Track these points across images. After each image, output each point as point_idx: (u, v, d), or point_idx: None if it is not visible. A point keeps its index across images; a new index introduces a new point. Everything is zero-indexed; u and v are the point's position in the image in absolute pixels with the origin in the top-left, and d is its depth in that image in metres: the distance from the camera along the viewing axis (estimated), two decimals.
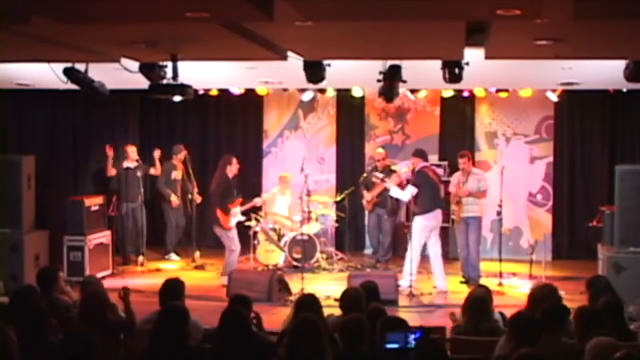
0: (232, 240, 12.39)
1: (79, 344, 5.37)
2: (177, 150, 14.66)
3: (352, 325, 5.90)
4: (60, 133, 14.80)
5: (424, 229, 11.91)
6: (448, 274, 12.85)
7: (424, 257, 12.31)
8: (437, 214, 12.01)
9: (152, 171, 14.46)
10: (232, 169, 12.48)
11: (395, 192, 12.26)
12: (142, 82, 9.81)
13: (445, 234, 14.52)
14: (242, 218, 12.71)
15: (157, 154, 14.38)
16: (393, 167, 13.71)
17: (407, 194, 12.08)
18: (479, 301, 7.28)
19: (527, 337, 5.82)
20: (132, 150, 14.20)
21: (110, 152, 14.00)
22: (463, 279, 12.57)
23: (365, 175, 13.67)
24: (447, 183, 13.13)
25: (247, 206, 12.87)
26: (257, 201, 13.13)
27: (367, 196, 13.74)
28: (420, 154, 12.36)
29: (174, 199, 14.52)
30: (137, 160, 14.20)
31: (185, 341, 5.95)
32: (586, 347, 5.30)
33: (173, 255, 14.68)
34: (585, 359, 5.26)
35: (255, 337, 6.25)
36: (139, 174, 14.07)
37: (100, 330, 6.26)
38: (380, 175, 12.81)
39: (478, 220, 12.60)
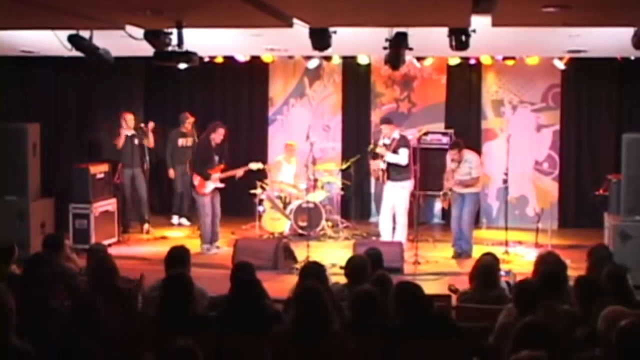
0: (204, 207, 12.52)
1: (86, 311, 5.39)
2: (183, 118, 14.68)
3: (362, 297, 5.91)
4: (65, 100, 14.76)
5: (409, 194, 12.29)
6: (446, 242, 12.87)
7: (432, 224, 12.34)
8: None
9: (146, 142, 14.20)
10: (216, 137, 12.55)
11: (391, 157, 12.20)
12: (147, 50, 9.77)
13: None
14: (220, 185, 12.73)
15: (150, 126, 14.16)
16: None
17: (403, 156, 12.11)
18: (487, 269, 7.31)
19: (528, 304, 5.84)
20: (129, 118, 14.08)
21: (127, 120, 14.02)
22: (454, 254, 12.32)
23: (372, 145, 13.51)
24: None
25: (227, 174, 12.82)
26: (238, 171, 13.06)
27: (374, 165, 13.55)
28: (392, 121, 12.63)
29: (171, 173, 14.64)
30: (135, 128, 14.13)
31: (190, 308, 5.98)
32: (600, 315, 5.32)
33: (175, 218, 14.79)
34: (599, 326, 5.28)
35: (265, 305, 6.28)
36: (136, 141, 14.02)
37: (108, 298, 6.29)
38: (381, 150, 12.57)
39: (475, 195, 12.48)
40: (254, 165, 13.16)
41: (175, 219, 14.93)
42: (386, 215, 12.37)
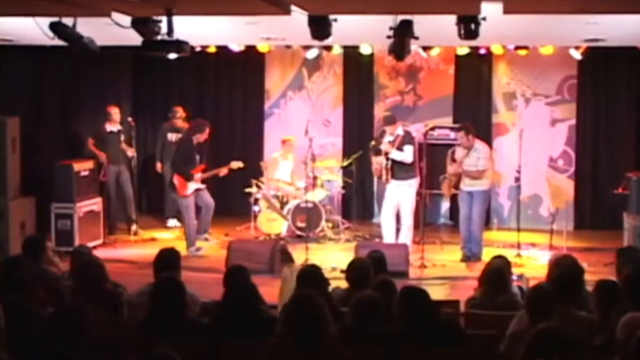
0: (187, 209, 12.56)
1: (70, 317, 5.39)
2: (174, 113, 14.63)
3: (364, 303, 5.92)
4: (47, 93, 14.75)
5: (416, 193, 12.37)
6: (454, 244, 12.88)
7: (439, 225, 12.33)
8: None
9: (129, 153, 14.08)
10: (201, 137, 12.62)
11: (396, 155, 12.22)
12: (135, 39, 9.78)
13: (456, 202, 14.47)
14: (202, 186, 12.77)
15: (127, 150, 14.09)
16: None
17: (408, 154, 12.15)
18: (498, 273, 7.31)
19: (542, 310, 5.84)
20: (115, 112, 14.05)
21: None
22: (463, 257, 12.27)
23: (374, 141, 13.44)
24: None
25: (210, 173, 12.86)
26: (222, 169, 13.06)
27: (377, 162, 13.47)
28: (395, 120, 12.57)
29: (158, 166, 14.65)
30: (120, 123, 14.11)
31: (181, 314, 5.99)
32: (619, 322, 5.33)
33: (170, 222, 14.75)
34: (617, 334, 5.29)
35: (260, 310, 6.30)
36: (122, 137, 14.01)
37: (96, 303, 6.29)
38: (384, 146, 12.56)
39: (484, 193, 12.34)
40: (235, 164, 13.17)
41: (170, 222, 14.82)
42: (388, 216, 12.39)
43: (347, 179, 14.77)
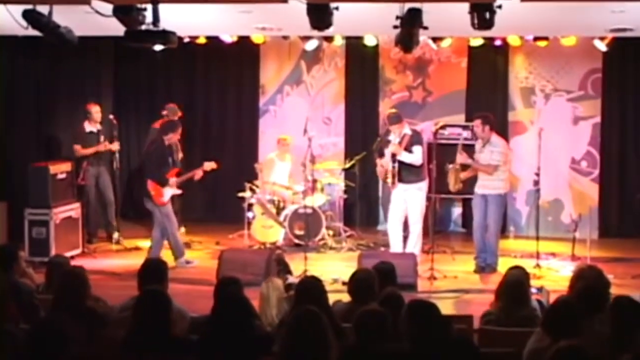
0: (169, 217, 12.48)
1: (49, 334, 5.37)
2: (167, 111, 14.45)
3: (368, 319, 5.91)
4: (21, 88, 14.71)
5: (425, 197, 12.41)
6: (467, 253, 12.88)
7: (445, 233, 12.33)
8: None
9: (115, 146, 14.07)
10: (174, 137, 12.57)
11: (406, 157, 12.20)
12: (117, 28, 9.77)
13: (469, 207, 14.48)
14: (178, 191, 12.76)
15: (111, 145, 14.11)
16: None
17: (417, 155, 12.14)
18: (516, 285, 7.29)
19: (565, 327, 5.82)
20: (95, 111, 14.01)
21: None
22: (476, 268, 12.27)
23: (379, 139, 13.49)
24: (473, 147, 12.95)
25: (185, 177, 12.81)
26: (197, 172, 12.97)
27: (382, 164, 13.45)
28: (401, 118, 12.49)
29: None
30: (100, 123, 14.07)
31: (168, 331, 5.98)
32: None
33: None
34: None
35: (254, 326, 6.29)
36: (102, 138, 13.98)
37: (76, 319, 6.28)
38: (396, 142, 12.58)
39: (500, 198, 12.30)
40: (208, 165, 13.03)
41: None
42: (395, 223, 12.39)
43: (349, 182, 14.75)
